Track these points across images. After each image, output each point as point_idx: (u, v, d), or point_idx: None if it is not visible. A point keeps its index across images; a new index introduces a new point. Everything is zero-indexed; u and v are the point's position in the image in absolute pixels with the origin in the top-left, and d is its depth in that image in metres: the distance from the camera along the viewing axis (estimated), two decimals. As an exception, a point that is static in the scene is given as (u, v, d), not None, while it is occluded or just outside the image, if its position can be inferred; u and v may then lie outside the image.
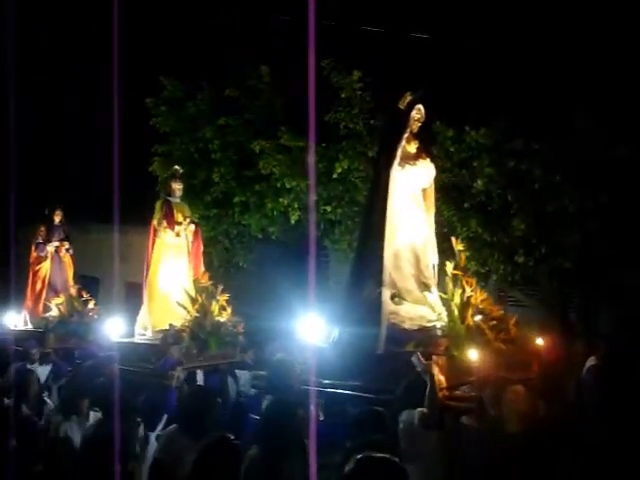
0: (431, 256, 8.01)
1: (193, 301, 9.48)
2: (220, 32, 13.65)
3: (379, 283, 7.47)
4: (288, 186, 13.13)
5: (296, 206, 13.29)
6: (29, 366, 9.15)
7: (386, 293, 7.46)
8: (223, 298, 9.61)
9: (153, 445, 6.32)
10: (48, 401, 7.47)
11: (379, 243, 7.59)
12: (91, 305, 12.35)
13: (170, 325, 9.37)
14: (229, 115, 14.07)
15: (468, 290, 7.18)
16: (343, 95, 12.66)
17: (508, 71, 11.07)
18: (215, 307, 9.47)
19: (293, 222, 13.50)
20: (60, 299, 12.46)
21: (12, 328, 12.31)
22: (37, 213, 13.17)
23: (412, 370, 6.06)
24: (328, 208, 13.14)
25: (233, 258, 14.98)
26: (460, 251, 7.47)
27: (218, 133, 14.14)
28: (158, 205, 10.45)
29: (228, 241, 14.90)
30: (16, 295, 12.83)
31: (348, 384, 6.90)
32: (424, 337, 7.16)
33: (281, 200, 13.33)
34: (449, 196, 11.75)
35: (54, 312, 12.32)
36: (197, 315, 9.29)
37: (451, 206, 11.82)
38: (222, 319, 9.44)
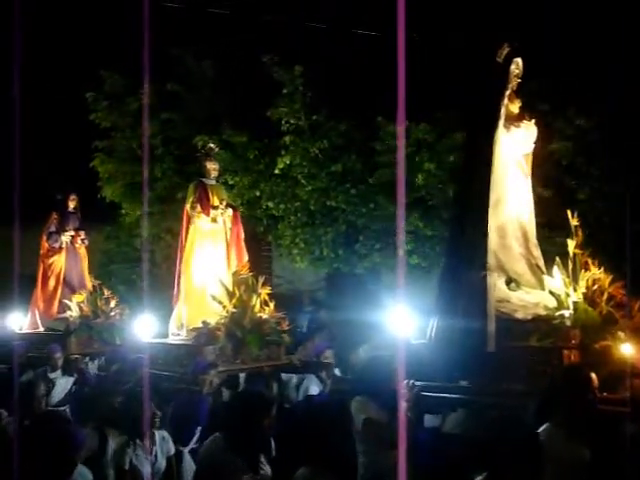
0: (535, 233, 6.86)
1: (230, 295, 8.57)
2: (162, 26, 13.49)
3: (483, 266, 6.19)
4: (230, 182, 13.10)
5: (239, 202, 13.25)
6: (51, 374, 8.55)
7: (492, 277, 6.28)
8: (265, 291, 8.74)
9: (188, 463, 5.68)
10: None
11: (482, 218, 6.33)
12: (113, 303, 11.06)
13: (203, 323, 8.45)
14: (172, 110, 13.96)
15: (596, 271, 6.18)
16: (285, 90, 12.68)
17: (450, 65, 11.19)
18: (256, 302, 8.59)
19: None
20: (81, 296, 10.93)
21: (17, 331, 10.74)
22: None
23: (542, 375, 5.40)
24: (270, 204, 13.20)
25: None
26: (576, 227, 6.31)
27: (161, 128, 14.03)
28: (191, 188, 9.38)
29: (171, 237, 14.76)
30: (18, 293, 11.42)
31: (453, 386, 5.99)
32: (547, 329, 6.12)
33: (224, 196, 13.27)
34: (392, 191, 11.83)
35: (74, 312, 10.80)
36: (234, 311, 8.42)
37: (394, 201, 11.91)
38: (264, 315, 8.59)
